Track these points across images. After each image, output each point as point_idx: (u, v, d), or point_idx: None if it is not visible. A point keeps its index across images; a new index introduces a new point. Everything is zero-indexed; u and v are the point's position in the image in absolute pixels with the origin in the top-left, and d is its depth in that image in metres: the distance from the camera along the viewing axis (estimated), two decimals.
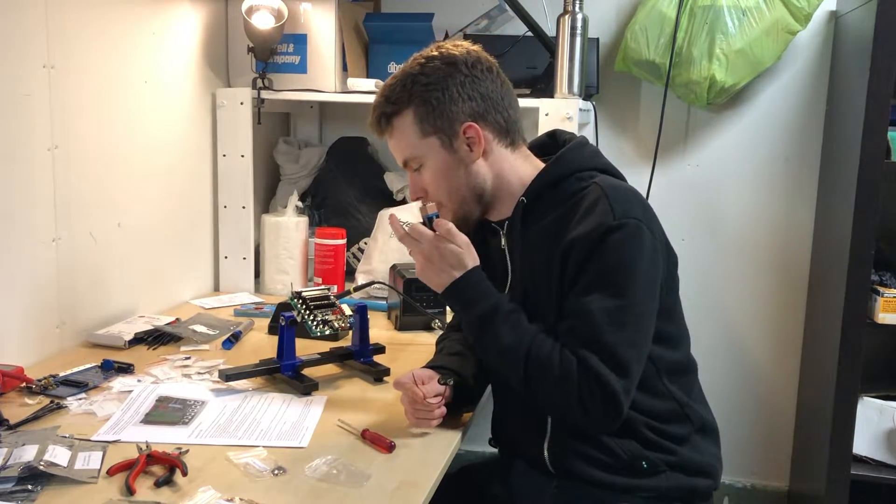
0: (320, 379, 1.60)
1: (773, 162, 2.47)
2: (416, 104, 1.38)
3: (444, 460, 1.31)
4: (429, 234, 1.39)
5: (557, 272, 1.36)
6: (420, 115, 1.39)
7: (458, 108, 1.39)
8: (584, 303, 1.31)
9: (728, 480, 2.58)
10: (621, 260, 1.32)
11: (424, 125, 1.39)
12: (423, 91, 1.38)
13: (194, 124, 2.21)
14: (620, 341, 1.30)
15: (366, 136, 2.62)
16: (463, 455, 2.44)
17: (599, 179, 1.39)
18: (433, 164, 1.42)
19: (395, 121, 1.41)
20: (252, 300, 2.20)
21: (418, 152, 1.41)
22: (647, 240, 1.34)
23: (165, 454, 1.24)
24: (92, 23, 1.78)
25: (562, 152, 1.44)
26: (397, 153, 1.45)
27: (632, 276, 1.32)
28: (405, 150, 1.43)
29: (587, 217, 1.34)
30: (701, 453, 1.45)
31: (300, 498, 1.16)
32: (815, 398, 2.35)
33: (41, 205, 1.67)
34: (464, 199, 1.43)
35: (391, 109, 1.40)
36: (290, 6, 2.22)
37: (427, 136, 1.40)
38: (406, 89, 1.39)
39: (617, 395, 1.29)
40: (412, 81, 1.39)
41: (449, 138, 1.40)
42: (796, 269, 2.49)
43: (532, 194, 1.42)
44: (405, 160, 1.44)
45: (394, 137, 1.43)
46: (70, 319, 1.77)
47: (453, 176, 1.42)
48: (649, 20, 2.30)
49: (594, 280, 1.32)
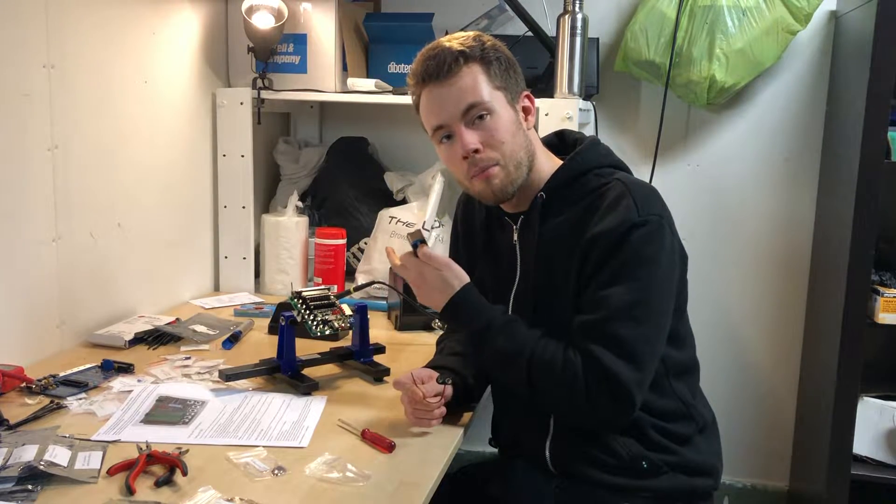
0: (320, 379, 1.60)
1: (773, 162, 2.47)
2: (487, 59, 1.38)
3: (444, 460, 1.31)
4: (413, 260, 1.41)
5: (577, 267, 1.36)
6: (492, 69, 1.38)
7: (519, 76, 1.42)
8: (603, 296, 1.32)
9: (728, 480, 2.58)
10: (643, 256, 1.32)
11: (495, 78, 1.38)
12: (493, 51, 1.39)
13: (194, 124, 2.21)
14: (636, 336, 1.30)
15: (366, 136, 2.62)
16: (463, 455, 2.44)
17: (620, 176, 1.40)
18: (501, 117, 1.38)
19: (466, 67, 1.37)
20: (252, 300, 2.20)
21: (489, 99, 1.37)
22: (667, 237, 1.35)
23: (165, 454, 1.24)
24: (92, 23, 1.78)
25: (580, 149, 1.45)
26: (462, 97, 1.36)
27: (652, 273, 1.33)
28: (475, 93, 1.36)
29: (611, 213, 1.34)
30: (702, 453, 1.45)
31: (300, 498, 1.16)
32: (815, 398, 2.35)
33: (41, 205, 1.67)
34: (520, 161, 1.40)
35: (467, 53, 1.37)
36: (290, 6, 2.22)
37: (497, 89, 1.39)
38: (479, 43, 1.39)
39: (629, 388, 1.29)
40: (482, 40, 1.40)
41: (513, 98, 1.41)
42: (796, 268, 2.49)
43: (551, 190, 1.42)
44: (471, 105, 1.36)
45: (463, 80, 1.36)
46: (70, 319, 1.77)
47: (517, 133, 1.40)
48: (649, 20, 2.30)
49: (614, 275, 1.32)
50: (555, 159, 1.46)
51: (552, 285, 1.40)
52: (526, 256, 1.44)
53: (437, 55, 1.37)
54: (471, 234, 1.59)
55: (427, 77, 1.38)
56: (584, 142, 1.47)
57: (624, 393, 1.29)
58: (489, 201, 1.44)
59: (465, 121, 1.37)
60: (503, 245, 1.48)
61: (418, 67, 1.39)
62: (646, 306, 1.32)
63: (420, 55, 1.40)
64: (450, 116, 1.37)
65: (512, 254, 1.47)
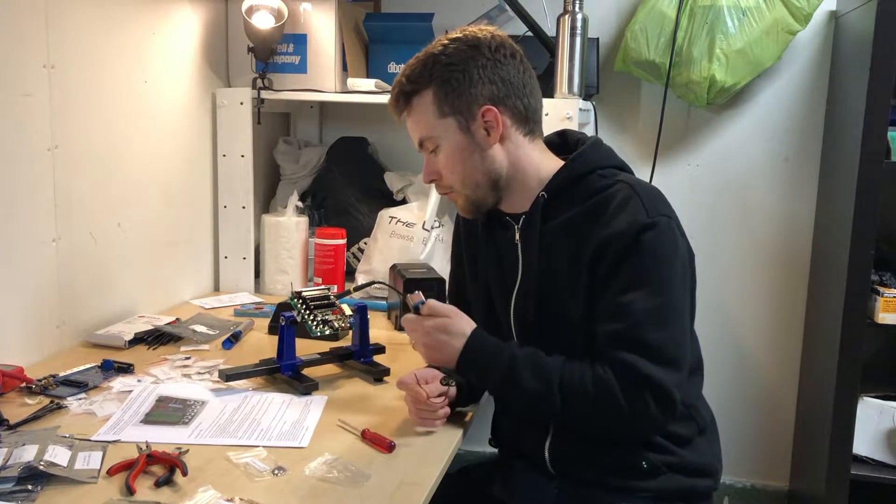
0: (320, 379, 1.60)
1: (773, 162, 2.47)
2: (436, 84, 1.37)
3: (444, 460, 1.31)
4: (416, 318, 1.39)
5: (586, 270, 1.35)
6: (439, 96, 1.37)
7: (477, 91, 1.38)
8: (624, 304, 1.31)
9: (728, 480, 2.58)
10: (658, 258, 1.32)
11: (443, 106, 1.38)
12: (443, 71, 1.37)
13: (194, 124, 2.21)
14: (665, 339, 1.30)
15: (366, 136, 2.62)
16: (463, 455, 2.44)
17: (625, 177, 1.40)
18: (449, 146, 1.40)
19: (415, 100, 1.39)
20: (252, 300, 2.20)
21: (435, 133, 1.40)
22: (678, 237, 1.36)
23: (165, 454, 1.24)
24: (92, 23, 1.78)
25: (583, 149, 1.44)
26: (414, 133, 1.43)
27: (669, 274, 1.33)
28: (422, 130, 1.41)
29: (619, 215, 1.34)
30: (701, 453, 1.45)
31: (300, 498, 1.16)
32: (815, 398, 2.35)
33: (41, 205, 1.67)
34: (477, 184, 1.41)
35: (410, 88, 1.39)
36: (290, 6, 2.22)
37: (445, 116, 1.38)
38: (427, 69, 1.38)
39: (671, 391, 1.29)
40: (433, 61, 1.38)
41: (466, 121, 1.38)
42: (796, 268, 2.49)
43: (553, 190, 1.41)
44: (421, 140, 1.42)
45: (412, 117, 1.41)
46: (70, 319, 1.77)
47: (468, 159, 1.40)
48: (649, 20, 2.30)
49: (632, 279, 1.31)
50: (556, 159, 1.46)
51: (555, 284, 1.40)
52: (528, 256, 1.44)
53: (393, 88, 1.42)
54: (472, 234, 1.59)
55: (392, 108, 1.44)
56: (586, 142, 1.47)
57: (666, 396, 1.29)
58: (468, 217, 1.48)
59: (423, 151, 1.44)
60: (505, 245, 1.48)
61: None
62: (669, 308, 1.32)
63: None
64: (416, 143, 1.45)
65: (514, 253, 1.46)
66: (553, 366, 1.34)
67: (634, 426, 1.33)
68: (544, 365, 1.34)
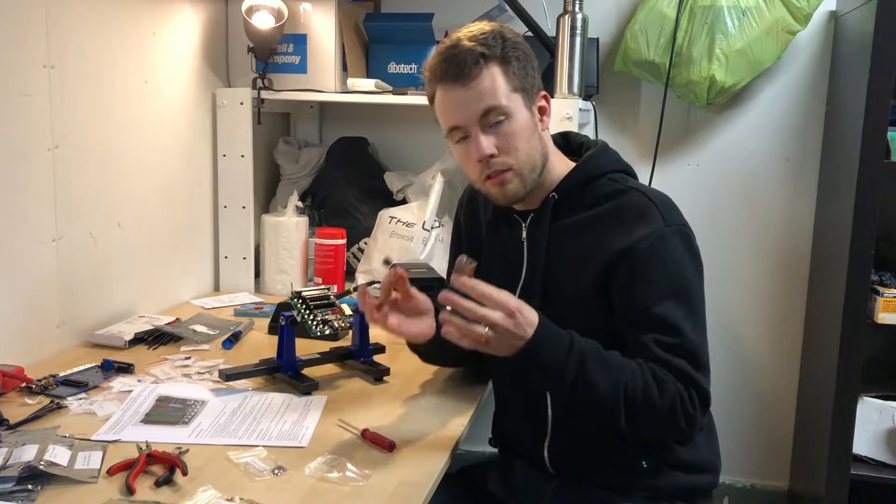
0: (320, 379, 1.60)
1: (773, 162, 2.47)
2: (512, 56, 1.35)
3: (444, 460, 1.31)
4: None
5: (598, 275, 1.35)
6: (513, 69, 1.35)
7: (536, 75, 1.40)
8: (662, 314, 1.31)
9: (728, 480, 2.58)
10: (681, 265, 1.35)
11: (513, 79, 1.35)
12: (514, 47, 1.36)
13: (194, 124, 2.21)
14: (700, 344, 1.33)
15: (366, 136, 2.62)
16: (463, 455, 2.44)
17: (636, 184, 1.42)
18: (517, 122, 1.35)
19: (491, 65, 1.34)
20: (252, 300, 2.20)
21: (506, 103, 1.34)
22: (693, 244, 1.38)
23: (165, 454, 1.24)
24: (92, 23, 1.78)
25: (593, 152, 1.45)
26: (478, 102, 1.33)
27: (692, 281, 1.36)
28: (494, 97, 1.33)
29: (638, 223, 1.35)
30: (700, 451, 1.45)
31: (300, 498, 1.16)
32: (815, 398, 2.35)
33: (41, 205, 1.67)
34: (534, 165, 1.38)
35: (489, 53, 1.33)
36: (290, 6, 2.22)
37: (516, 91, 1.35)
38: (499, 42, 1.35)
39: (708, 395, 1.33)
40: (502, 37, 1.35)
41: (530, 99, 1.38)
42: (796, 268, 2.49)
43: (563, 191, 1.42)
44: (489, 108, 1.33)
45: (483, 83, 1.33)
46: (70, 319, 1.77)
47: (531, 138, 1.37)
48: (649, 20, 2.30)
49: (663, 288, 1.33)
50: (566, 160, 1.46)
51: (559, 284, 1.40)
52: (534, 254, 1.44)
53: (456, 55, 1.33)
54: (475, 227, 1.58)
55: (444, 76, 1.35)
56: (591, 145, 1.48)
57: (706, 400, 1.32)
58: (500, 203, 1.43)
59: (481, 124, 1.34)
60: (510, 241, 1.48)
61: (436, 65, 1.36)
62: (696, 314, 1.35)
63: (438, 52, 1.36)
64: (466, 119, 1.35)
65: (519, 250, 1.46)
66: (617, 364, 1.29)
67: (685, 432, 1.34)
68: (609, 360, 1.29)
